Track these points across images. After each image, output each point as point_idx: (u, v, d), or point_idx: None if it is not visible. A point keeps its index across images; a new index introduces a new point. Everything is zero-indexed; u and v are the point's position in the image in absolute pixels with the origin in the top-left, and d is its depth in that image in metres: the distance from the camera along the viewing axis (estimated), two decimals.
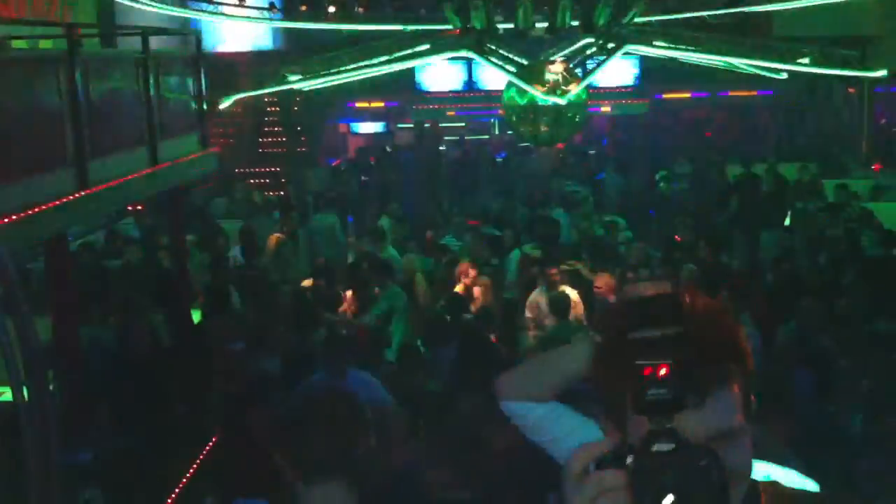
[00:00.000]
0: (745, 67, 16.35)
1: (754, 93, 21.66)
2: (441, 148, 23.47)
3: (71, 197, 5.35)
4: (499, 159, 20.73)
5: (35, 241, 5.47)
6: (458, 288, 9.56)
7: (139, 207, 13.21)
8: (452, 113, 21.74)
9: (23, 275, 8.78)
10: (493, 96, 17.88)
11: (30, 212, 4.71)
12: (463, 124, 24.90)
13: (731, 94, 21.82)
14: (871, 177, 15.88)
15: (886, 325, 7.61)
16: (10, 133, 4.95)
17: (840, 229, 11.48)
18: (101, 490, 5.08)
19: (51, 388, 5.06)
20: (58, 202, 5.13)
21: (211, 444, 6.69)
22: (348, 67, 14.69)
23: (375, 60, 14.62)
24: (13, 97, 5.14)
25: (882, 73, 14.45)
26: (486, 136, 25.90)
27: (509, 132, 17.52)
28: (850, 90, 18.79)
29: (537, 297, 9.22)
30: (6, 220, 4.47)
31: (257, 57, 17.58)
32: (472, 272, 9.70)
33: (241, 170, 16.88)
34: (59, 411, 5.24)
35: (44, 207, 4.92)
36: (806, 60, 14.84)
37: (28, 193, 4.85)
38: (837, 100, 20.67)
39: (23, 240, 4.75)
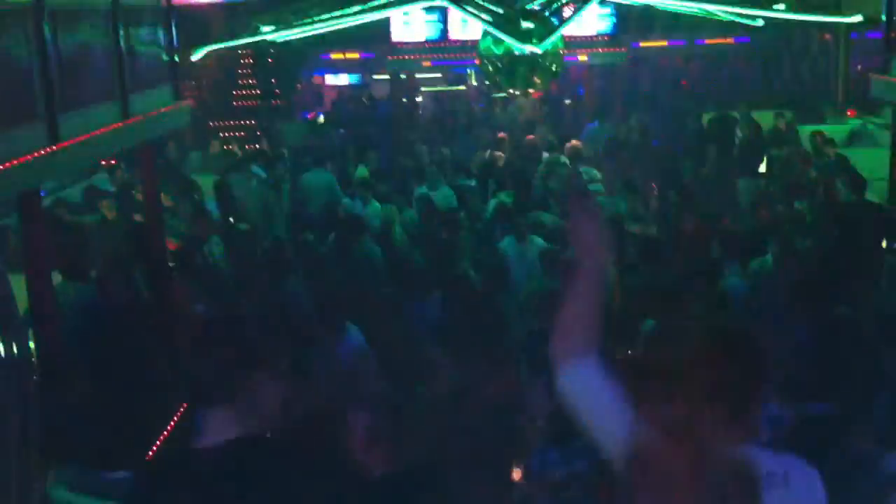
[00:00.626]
0: (721, 15, 16.30)
1: (731, 40, 21.61)
2: (418, 99, 23.36)
3: (42, 152, 5.27)
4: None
5: (5, 197, 5.39)
6: None
7: (112, 162, 13.07)
8: (428, 64, 21.54)
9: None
10: (469, 46, 17.75)
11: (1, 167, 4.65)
12: (439, 75, 24.72)
13: (707, 42, 21.76)
14: (846, 123, 15.93)
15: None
16: None
17: (815, 175, 11.54)
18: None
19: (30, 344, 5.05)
20: (28, 157, 5.05)
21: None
22: (322, 18, 14.53)
23: (349, 11, 14.46)
24: None
25: (857, 18, 14.44)
26: (463, 88, 25.77)
27: (486, 82, 17.38)
28: (826, 37, 18.77)
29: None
30: None
31: (230, 8, 17.32)
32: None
33: (215, 123, 16.71)
34: (37, 368, 5.22)
35: (14, 163, 4.85)
36: (782, 6, 14.81)
37: None
38: (813, 47, 20.66)
39: None
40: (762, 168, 14.06)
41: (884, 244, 8.99)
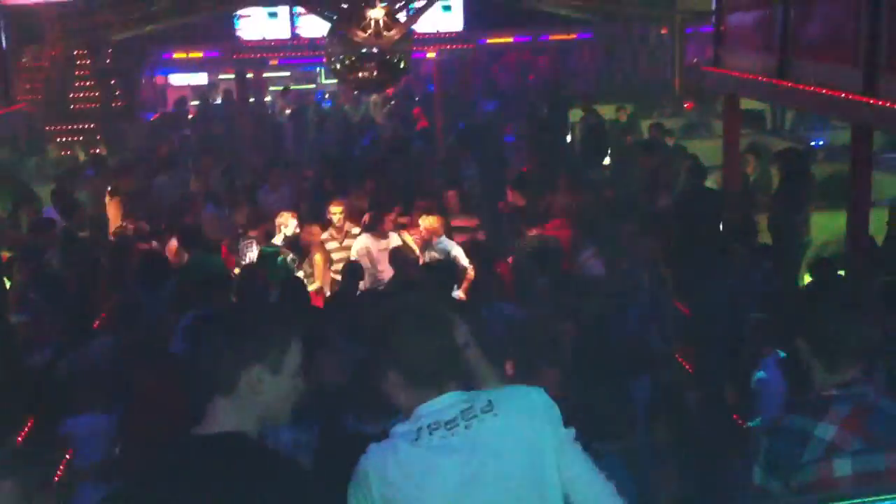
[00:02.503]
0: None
1: (574, 36, 22.20)
2: (266, 99, 23.03)
3: None
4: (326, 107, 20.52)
5: None
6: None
7: None
8: (276, 62, 21.26)
9: None
10: (317, 44, 17.59)
11: None
12: (287, 73, 24.42)
13: (551, 38, 22.28)
14: (683, 115, 16.60)
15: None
16: None
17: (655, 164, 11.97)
18: None
19: None
20: None
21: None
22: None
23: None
24: None
25: None
26: (313, 86, 25.56)
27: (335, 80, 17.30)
28: (664, 30, 19.49)
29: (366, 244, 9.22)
30: None
31: (62, 7, 16.57)
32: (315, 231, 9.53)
33: (52, 127, 15.97)
34: None
35: None
36: None
37: None
38: (652, 41, 21.45)
39: None
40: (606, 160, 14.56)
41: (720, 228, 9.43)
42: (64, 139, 15.73)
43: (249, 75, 20.76)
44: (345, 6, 13.51)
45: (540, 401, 2.65)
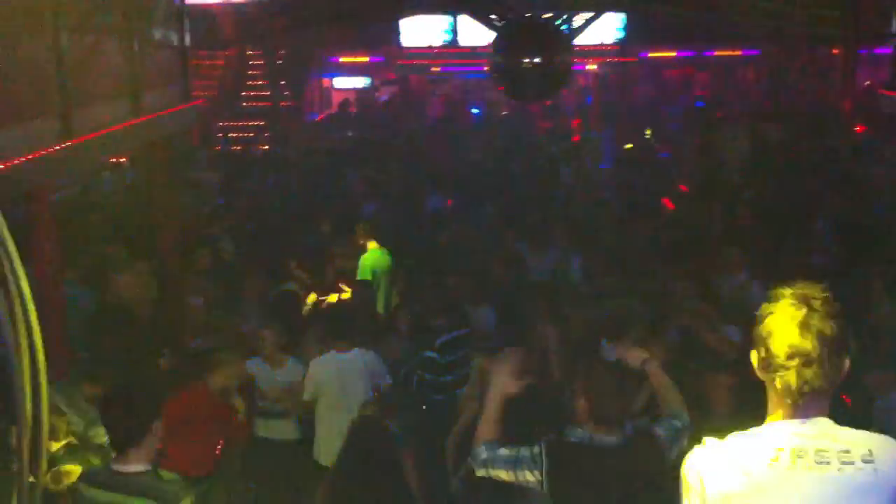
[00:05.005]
0: None
1: (739, 52, 21.64)
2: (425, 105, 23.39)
3: (55, 147, 5.29)
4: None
5: (18, 192, 5.39)
6: None
7: (122, 160, 13.10)
8: (437, 69, 21.60)
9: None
10: (478, 52, 17.79)
11: (14, 161, 4.66)
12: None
13: (716, 53, 21.79)
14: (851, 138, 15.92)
15: None
16: None
17: None
18: None
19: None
20: (42, 152, 5.07)
21: None
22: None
23: None
24: None
25: None
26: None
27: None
28: (834, 52, 18.73)
29: None
30: None
31: (240, 7, 17.34)
32: None
33: (224, 123, 16.74)
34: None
35: (28, 158, 4.86)
36: None
37: (12, 143, 4.79)
38: (821, 60, 20.63)
39: (6, 191, 4.69)
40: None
41: None
42: (236, 135, 16.45)
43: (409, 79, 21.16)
44: (510, 16, 13.62)
45: None
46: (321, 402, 6.40)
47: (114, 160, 12.73)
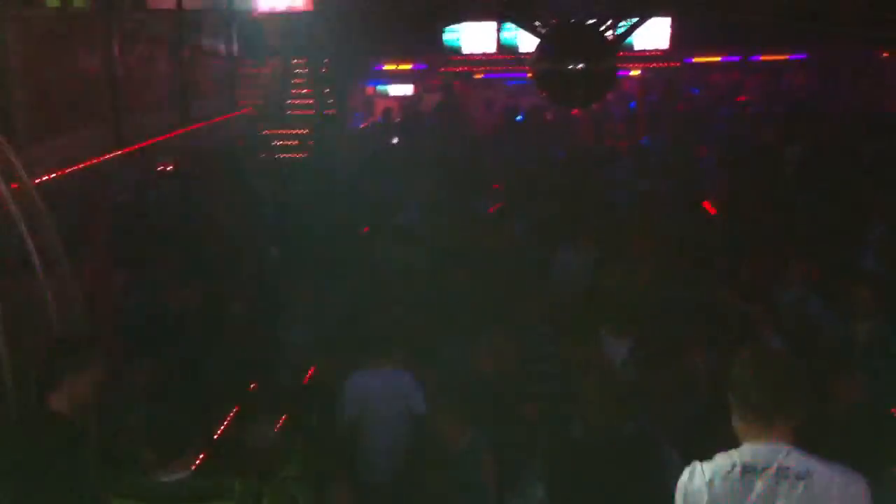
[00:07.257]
0: None
1: (786, 56, 21.32)
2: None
3: (108, 155, 5.38)
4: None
5: (76, 197, 5.49)
6: None
7: (169, 167, 13.26)
8: (480, 76, 21.55)
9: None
10: (523, 59, 17.72)
11: (70, 169, 4.74)
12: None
13: (762, 58, 21.50)
14: None
15: None
16: (49, 91, 4.96)
17: None
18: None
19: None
20: (96, 159, 5.15)
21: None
22: None
23: None
24: (50, 55, 5.15)
25: None
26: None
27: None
28: (885, 54, 18.45)
29: None
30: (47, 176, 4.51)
31: (288, 17, 17.47)
32: None
33: (269, 131, 16.85)
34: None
35: (83, 165, 4.95)
36: None
37: (67, 150, 4.88)
38: (874, 63, 20.29)
39: (66, 195, 4.78)
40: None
41: None
42: (280, 143, 16.56)
43: (453, 85, 21.12)
44: (554, 22, 13.58)
45: None
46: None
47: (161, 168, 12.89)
